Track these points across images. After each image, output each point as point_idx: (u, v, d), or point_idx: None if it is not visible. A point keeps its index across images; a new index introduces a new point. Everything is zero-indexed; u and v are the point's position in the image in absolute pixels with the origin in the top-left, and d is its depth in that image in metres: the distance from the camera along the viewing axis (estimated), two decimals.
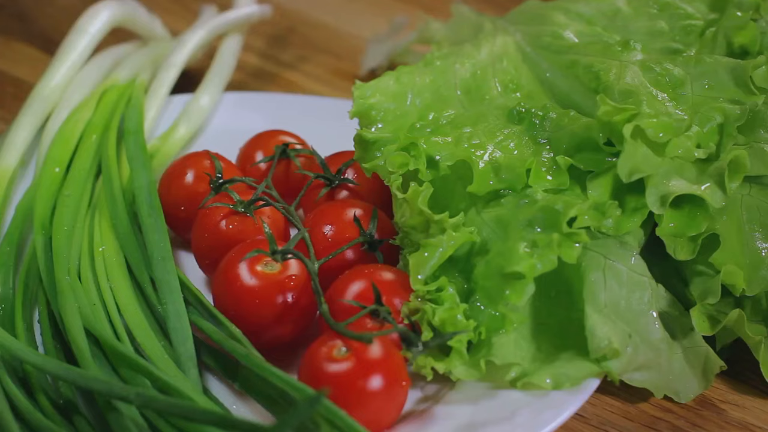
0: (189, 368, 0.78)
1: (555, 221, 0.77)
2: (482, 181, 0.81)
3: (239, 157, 0.98)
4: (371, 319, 0.79)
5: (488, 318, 0.78)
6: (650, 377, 0.79)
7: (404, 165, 0.83)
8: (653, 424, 0.82)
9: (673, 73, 0.84)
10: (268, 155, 0.96)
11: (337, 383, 0.73)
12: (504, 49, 0.93)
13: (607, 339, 0.77)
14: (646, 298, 0.80)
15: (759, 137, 0.83)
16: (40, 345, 0.83)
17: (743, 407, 0.84)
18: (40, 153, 1.00)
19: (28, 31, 1.25)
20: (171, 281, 0.84)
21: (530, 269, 0.76)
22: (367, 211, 0.87)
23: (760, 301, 0.83)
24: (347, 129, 0.90)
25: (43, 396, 0.76)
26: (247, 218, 0.87)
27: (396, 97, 0.90)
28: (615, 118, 0.78)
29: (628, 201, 0.80)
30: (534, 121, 0.84)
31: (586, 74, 0.86)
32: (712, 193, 0.79)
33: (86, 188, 0.95)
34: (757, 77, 0.82)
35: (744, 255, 0.82)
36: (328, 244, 0.85)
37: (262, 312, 0.81)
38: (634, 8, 0.93)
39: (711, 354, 0.82)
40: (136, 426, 0.73)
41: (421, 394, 0.81)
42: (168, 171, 0.95)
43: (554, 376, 0.78)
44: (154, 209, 0.90)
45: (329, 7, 1.30)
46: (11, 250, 0.90)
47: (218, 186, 0.91)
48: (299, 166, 0.95)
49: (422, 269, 0.78)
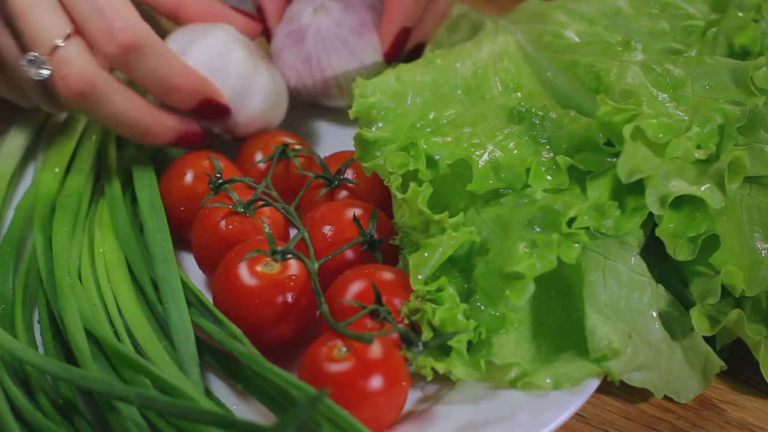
0: (191, 368, 0.78)
1: (555, 221, 0.77)
2: (482, 180, 0.81)
3: (238, 158, 0.98)
4: (371, 319, 0.79)
5: (488, 318, 0.78)
6: (650, 377, 0.79)
7: (404, 165, 0.83)
8: (653, 424, 0.82)
9: (674, 74, 0.84)
10: (267, 156, 0.96)
11: (337, 383, 0.73)
12: (505, 48, 0.93)
13: (607, 339, 0.77)
14: (646, 298, 0.80)
15: (759, 138, 0.83)
16: (40, 345, 0.83)
17: (743, 407, 0.84)
18: (40, 153, 1.00)
19: None
20: (173, 281, 0.84)
21: (530, 269, 0.76)
22: (367, 211, 0.87)
23: (760, 301, 0.83)
24: (347, 129, 0.91)
25: (43, 396, 0.76)
26: (247, 218, 0.87)
27: (396, 96, 0.90)
28: (615, 119, 0.78)
29: (627, 201, 0.80)
30: (534, 121, 0.84)
31: (587, 74, 0.86)
32: (712, 194, 0.79)
33: (86, 188, 0.95)
34: (757, 78, 0.82)
35: (744, 255, 0.82)
36: (328, 244, 0.85)
37: (262, 312, 0.81)
38: (635, 8, 0.93)
39: (711, 354, 0.82)
40: (136, 426, 0.73)
41: (421, 394, 0.81)
42: (168, 171, 0.95)
43: (554, 376, 0.78)
44: (156, 209, 0.91)
45: None
46: (11, 250, 0.90)
47: (218, 186, 0.91)
48: (299, 166, 0.95)
49: (422, 269, 0.78)
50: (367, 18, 1.01)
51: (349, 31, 1.00)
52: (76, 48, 0.89)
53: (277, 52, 1.03)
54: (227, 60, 0.96)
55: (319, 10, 1.02)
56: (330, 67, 1.00)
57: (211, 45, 0.96)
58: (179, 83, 0.92)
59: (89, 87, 0.89)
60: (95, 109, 0.90)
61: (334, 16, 1.01)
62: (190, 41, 0.96)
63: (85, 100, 0.89)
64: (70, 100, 0.89)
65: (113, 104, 0.90)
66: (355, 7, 1.02)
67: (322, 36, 1.00)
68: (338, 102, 1.03)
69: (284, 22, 1.04)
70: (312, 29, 1.01)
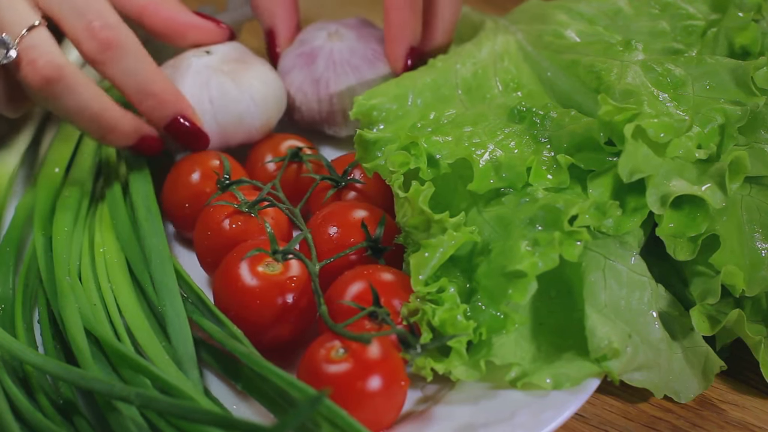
0: (190, 369, 0.78)
1: (556, 219, 0.77)
2: (483, 179, 0.81)
3: (248, 161, 0.98)
4: (370, 320, 0.78)
5: (490, 318, 0.78)
6: (650, 377, 0.79)
7: (405, 164, 0.83)
8: (653, 424, 0.82)
9: (675, 74, 0.84)
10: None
11: (336, 384, 0.73)
12: (505, 48, 0.93)
13: (607, 339, 0.77)
14: (646, 298, 0.80)
15: (759, 138, 0.83)
16: (40, 345, 0.83)
17: (743, 407, 0.84)
18: (40, 153, 1.00)
19: None
20: (170, 284, 0.84)
21: (532, 267, 0.76)
22: (375, 215, 0.86)
23: (760, 301, 0.83)
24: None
25: (43, 396, 0.76)
26: (251, 218, 0.87)
27: (397, 98, 0.90)
28: (616, 118, 0.78)
29: (628, 201, 0.80)
30: (535, 120, 0.84)
31: (587, 74, 0.86)
32: (713, 194, 0.79)
33: (86, 188, 0.95)
34: (758, 78, 0.82)
35: (744, 255, 0.82)
36: (333, 245, 0.85)
37: (262, 312, 0.81)
38: (635, 8, 0.93)
39: (711, 354, 0.82)
40: (136, 426, 0.72)
41: (421, 395, 0.81)
42: (175, 168, 0.95)
43: (554, 376, 0.78)
44: (151, 213, 0.90)
45: (328, 8, 1.30)
46: (11, 250, 0.90)
47: (225, 186, 0.90)
48: (310, 169, 0.94)
49: (423, 269, 0.78)
50: (378, 50, 1.01)
51: (361, 59, 1.00)
52: (44, 36, 0.89)
53: (285, 71, 1.02)
54: (206, 97, 0.95)
55: (333, 35, 1.01)
56: (338, 91, 0.99)
57: (185, 89, 0.95)
58: (155, 88, 0.92)
59: (56, 74, 0.87)
60: (60, 99, 0.89)
61: (348, 43, 1.01)
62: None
63: (52, 87, 0.88)
64: (35, 88, 0.88)
65: (79, 95, 0.89)
66: (368, 38, 1.02)
67: (333, 60, 1.00)
68: (342, 131, 1.03)
69: (295, 44, 1.03)
70: (325, 52, 1.00)
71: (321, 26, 1.03)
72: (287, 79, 1.01)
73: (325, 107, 1.00)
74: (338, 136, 1.03)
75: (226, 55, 0.98)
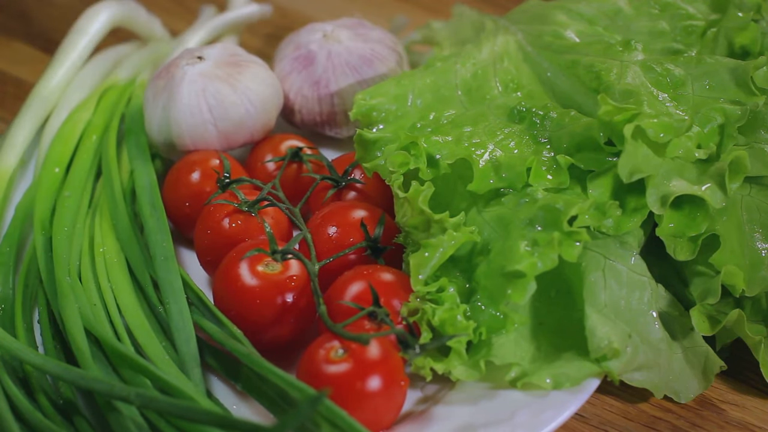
0: (192, 368, 0.78)
1: (556, 220, 0.77)
2: (483, 179, 0.81)
3: (248, 161, 0.98)
4: (369, 320, 0.78)
5: (489, 318, 0.78)
6: (650, 377, 0.79)
7: (405, 164, 0.83)
8: (653, 424, 0.82)
9: (674, 74, 0.84)
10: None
11: (335, 384, 0.73)
12: (505, 48, 0.93)
13: (607, 339, 0.77)
14: (646, 298, 0.80)
15: (759, 138, 0.83)
16: (40, 345, 0.83)
17: (743, 407, 0.84)
18: (40, 153, 1.00)
19: (28, 31, 1.25)
20: (174, 281, 0.84)
21: (531, 268, 0.76)
22: (374, 215, 0.86)
23: (760, 301, 0.83)
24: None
25: (43, 396, 0.76)
26: (251, 218, 0.87)
27: (397, 99, 0.90)
28: (616, 118, 0.78)
29: (628, 201, 0.80)
30: (534, 121, 0.84)
31: (587, 74, 0.86)
32: (713, 194, 0.79)
33: (86, 188, 0.95)
34: (757, 78, 0.82)
35: (744, 255, 0.82)
36: (333, 245, 0.85)
37: (262, 312, 0.81)
38: (635, 8, 0.93)
39: (711, 354, 0.82)
40: (136, 426, 0.73)
41: (421, 395, 0.81)
42: (176, 167, 0.95)
43: (554, 376, 0.78)
44: (156, 210, 0.90)
45: (329, 7, 1.30)
46: (11, 250, 0.90)
47: (225, 185, 0.90)
48: (310, 168, 0.94)
49: (423, 269, 0.78)
50: (377, 49, 1.00)
51: (360, 59, 1.00)
52: None
53: (283, 75, 1.01)
54: (204, 107, 0.95)
55: (329, 36, 1.01)
56: (339, 91, 0.99)
57: (182, 101, 0.95)
58: None
59: None
60: None
61: (345, 43, 1.00)
62: (166, 101, 0.95)
63: None
64: None
65: None
66: (364, 37, 1.01)
67: (332, 61, 0.99)
68: (342, 132, 1.03)
69: (291, 48, 1.02)
70: (322, 54, 1.00)
71: (315, 28, 1.03)
72: (285, 83, 1.00)
73: (326, 108, 1.00)
74: (339, 137, 1.03)
75: (218, 58, 0.97)
